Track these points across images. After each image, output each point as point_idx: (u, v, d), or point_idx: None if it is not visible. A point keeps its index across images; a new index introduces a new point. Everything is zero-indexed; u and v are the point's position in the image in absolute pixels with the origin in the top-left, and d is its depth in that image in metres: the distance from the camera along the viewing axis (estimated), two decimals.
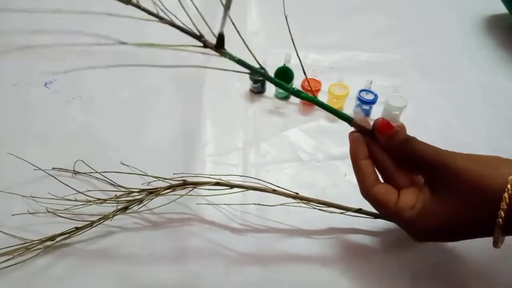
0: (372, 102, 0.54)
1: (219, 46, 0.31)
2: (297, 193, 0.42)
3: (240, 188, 0.42)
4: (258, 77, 0.57)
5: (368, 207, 0.42)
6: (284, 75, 0.56)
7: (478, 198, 0.29)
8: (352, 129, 0.37)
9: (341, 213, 0.42)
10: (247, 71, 0.33)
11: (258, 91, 0.59)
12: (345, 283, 0.40)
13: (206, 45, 0.31)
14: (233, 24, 0.31)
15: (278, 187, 0.42)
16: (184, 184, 0.42)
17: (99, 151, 0.51)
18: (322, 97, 0.57)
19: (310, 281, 0.40)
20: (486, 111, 0.58)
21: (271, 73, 0.57)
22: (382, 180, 0.36)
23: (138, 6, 0.27)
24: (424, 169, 0.33)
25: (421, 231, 0.33)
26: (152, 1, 0.28)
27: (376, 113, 0.56)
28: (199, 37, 0.30)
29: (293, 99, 0.59)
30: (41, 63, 0.62)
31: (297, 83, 0.57)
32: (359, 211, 0.42)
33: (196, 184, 0.42)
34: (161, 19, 0.29)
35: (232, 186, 0.42)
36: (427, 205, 0.32)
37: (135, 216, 0.44)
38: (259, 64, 0.35)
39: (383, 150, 0.35)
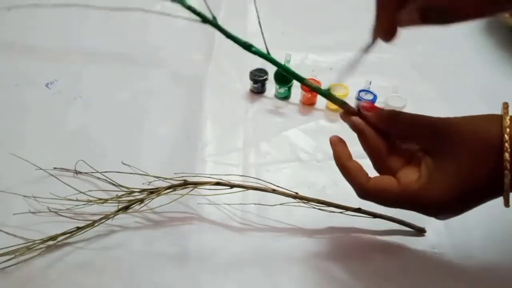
0: (371, 102, 0.54)
1: None
2: (297, 193, 0.43)
3: (240, 188, 0.43)
4: (258, 77, 0.57)
5: (367, 206, 0.43)
6: (284, 76, 0.56)
7: (480, 149, 0.29)
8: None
9: (341, 212, 0.43)
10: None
11: (258, 91, 0.60)
12: (344, 283, 0.40)
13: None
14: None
15: (278, 187, 0.43)
16: (185, 184, 0.42)
17: (100, 151, 0.51)
18: (322, 98, 0.58)
19: (309, 281, 0.40)
20: (486, 111, 0.57)
21: (272, 73, 0.58)
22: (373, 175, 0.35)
23: None
24: (420, 138, 0.33)
25: (432, 200, 0.31)
26: None
27: None
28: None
29: (293, 99, 0.59)
30: (42, 63, 0.62)
31: (297, 83, 0.57)
32: (359, 210, 0.42)
33: (196, 184, 0.43)
34: None
35: (232, 186, 0.42)
36: (433, 171, 0.31)
37: (136, 215, 0.44)
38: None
39: (374, 129, 0.34)
